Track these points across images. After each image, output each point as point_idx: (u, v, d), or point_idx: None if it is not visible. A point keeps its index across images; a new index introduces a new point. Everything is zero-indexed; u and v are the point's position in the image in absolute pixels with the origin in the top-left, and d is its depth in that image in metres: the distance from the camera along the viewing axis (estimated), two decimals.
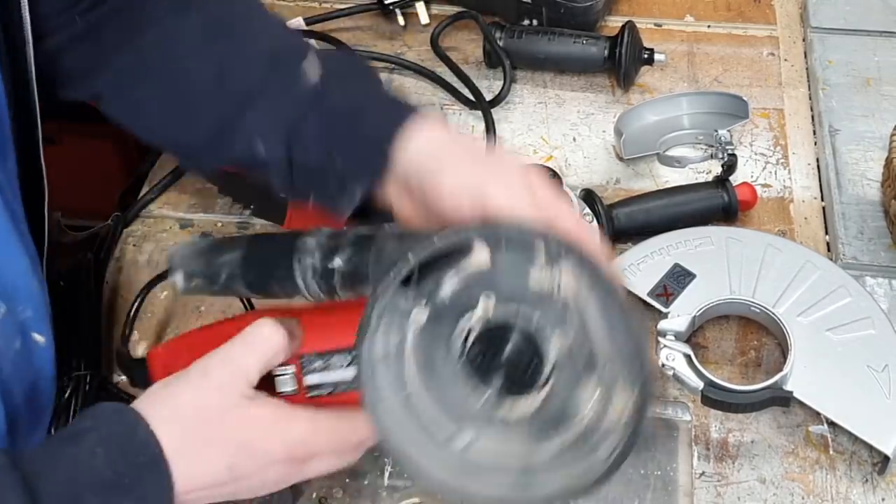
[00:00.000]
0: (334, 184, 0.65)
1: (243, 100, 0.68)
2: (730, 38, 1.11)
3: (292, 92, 0.67)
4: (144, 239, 0.93)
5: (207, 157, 0.72)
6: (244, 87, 0.68)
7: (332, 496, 0.73)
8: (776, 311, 0.79)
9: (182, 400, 0.57)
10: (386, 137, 0.63)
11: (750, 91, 1.04)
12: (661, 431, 0.76)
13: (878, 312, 0.79)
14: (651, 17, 1.13)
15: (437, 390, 0.53)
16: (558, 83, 1.06)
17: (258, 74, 0.68)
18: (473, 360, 0.53)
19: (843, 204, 0.92)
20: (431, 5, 1.13)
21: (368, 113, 0.66)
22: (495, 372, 0.53)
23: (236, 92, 0.68)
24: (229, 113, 0.68)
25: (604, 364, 0.52)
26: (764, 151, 0.99)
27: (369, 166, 0.64)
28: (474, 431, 0.53)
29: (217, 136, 0.69)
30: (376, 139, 0.63)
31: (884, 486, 0.75)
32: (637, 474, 0.74)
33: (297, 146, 0.66)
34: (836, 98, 1.02)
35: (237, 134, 0.67)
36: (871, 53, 1.06)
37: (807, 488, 0.75)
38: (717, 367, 0.82)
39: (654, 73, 1.06)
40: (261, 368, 0.58)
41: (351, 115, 0.66)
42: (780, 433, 0.78)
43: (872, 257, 0.88)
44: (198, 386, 0.57)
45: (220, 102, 0.69)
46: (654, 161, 0.98)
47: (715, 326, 0.84)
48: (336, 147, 0.65)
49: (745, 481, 0.75)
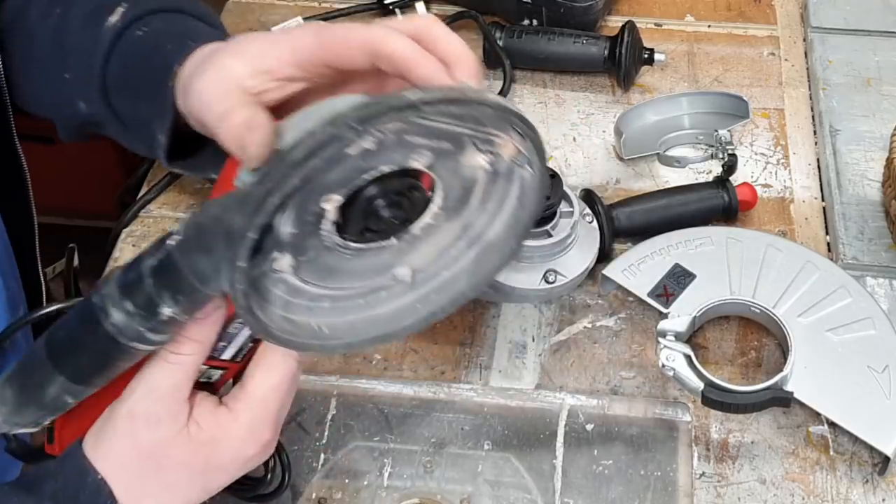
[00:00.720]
0: (147, 131, 0.63)
1: (64, 61, 0.67)
2: (730, 38, 1.11)
3: (96, 42, 0.65)
4: (144, 239, 0.93)
5: (60, 124, 0.70)
6: (66, 47, 0.67)
7: (332, 496, 0.73)
8: (776, 312, 0.79)
9: (121, 451, 0.53)
10: (166, 75, 0.60)
11: (750, 91, 1.03)
12: (661, 432, 0.76)
13: (879, 313, 0.79)
14: (651, 17, 1.13)
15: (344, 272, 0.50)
16: (558, 83, 1.06)
17: (77, 34, 0.67)
18: (361, 235, 0.49)
19: (844, 204, 0.92)
20: (431, 5, 1.13)
21: (157, 53, 0.63)
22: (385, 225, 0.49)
23: (61, 54, 0.67)
24: (56, 77, 0.67)
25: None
26: (764, 151, 0.99)
27: (160, 109, 0.61)
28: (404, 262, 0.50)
29: (55, 102, 0.68)
30: (160, 80, 0.61)
31: (884, 486, 0.74)
32: (637, 475, 0.74)
33: (113, 97, 0.64)
34: (837, 98, 1.02)
35: (63, 95, 0.67)
36: (872, 53, 1.06)
37: (807, 489, 0.74)
38: (717, 367, 0.81)
39: (654, 73, 1.06)
40: (188, 382, 0.54)
41: (144, 57, 0.64)
42: (780, 434, 0.77)
43: (873, 258, 0.88)
44: (129, 432, 0.53)
45: (53, 67, 0.68)
46: (654, 161, 0.97)
47: (715, 327, 0.84)
48: (138, 91, 0.63)
49: (745, 482, 0.75)
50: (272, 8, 1.16)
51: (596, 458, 0.74)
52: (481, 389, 0.79)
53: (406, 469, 0.74)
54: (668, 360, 0.76)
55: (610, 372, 0.82)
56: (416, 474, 0.74)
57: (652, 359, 0.82)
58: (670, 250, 0.84)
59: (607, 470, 0.74)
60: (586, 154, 0.99)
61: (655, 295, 0.81)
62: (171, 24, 0.66)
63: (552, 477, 0.74)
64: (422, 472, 0.74)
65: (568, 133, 1.01)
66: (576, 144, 1.00)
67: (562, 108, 1.04)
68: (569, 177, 0.96)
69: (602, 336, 0.84)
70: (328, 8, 1.14)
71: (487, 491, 0.73)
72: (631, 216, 0.88)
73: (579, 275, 0.81)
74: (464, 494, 0.73)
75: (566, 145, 1.00)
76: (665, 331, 0.78)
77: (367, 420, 0.76)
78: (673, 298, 0.81)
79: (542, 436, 0.76)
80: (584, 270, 0.81)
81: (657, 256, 0.84)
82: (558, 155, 0.99)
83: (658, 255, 0.84)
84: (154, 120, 0.62)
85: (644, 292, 0.81)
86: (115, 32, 0.64)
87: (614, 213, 0.88)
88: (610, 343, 0.83)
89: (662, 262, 0.83)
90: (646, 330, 0.84)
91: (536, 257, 0.80)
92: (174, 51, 0.62)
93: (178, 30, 0.65)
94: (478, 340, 0.84)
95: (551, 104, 1.04)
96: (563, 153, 0.99)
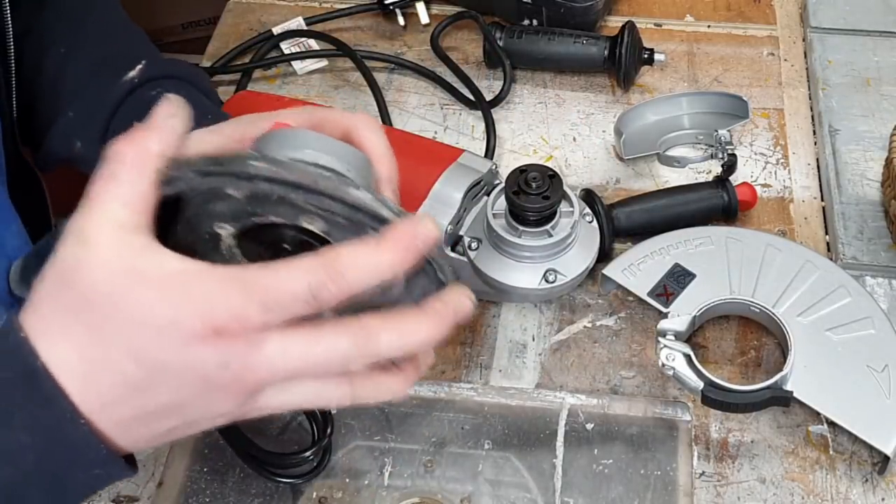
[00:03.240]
0: None
1: (68, 98, 0.68)
2: (730, 38, 1.11)
3: (110, 92, 0.67)
4: None
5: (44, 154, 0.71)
6: (70, 89, 0.69)
7: (333, 496, 0.73)
8: (776, 311, 0.79)
9: (52, 286, 0.45)
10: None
11: (750, 91, 1.04)
12: (661, 431, 0.76)
13: (878, 312, 0.79)
14: (651, 17, 1.13)
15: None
16: (558, 83, 1.06)
17: (85, 79, 0.69)
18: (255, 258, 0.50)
19: (843, 204, 0.92)
20: (431, 5, 1.13)
21: None
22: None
23: (64, 91, 0.69)
24: (54, 112, 0.69)
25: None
26: (764, 151, 0.99)
27: None
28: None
29: (45, 133, 0.70)
30: None
31: (884, 486, 0.75)
32: (637, 474, 0.74)
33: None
34: (836, 98, 1.02)
35: (58, 130, 0.68)
36: (871, 53, 1.07)
37: (807, 488, 0.75)
38: (717, 367, 0.82)
39: (654, 73, 1.06)
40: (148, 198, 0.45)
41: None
42: (780, 433, 0.78)
43: (872, 257, 0.88)
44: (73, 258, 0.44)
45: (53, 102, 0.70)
46: (654, 161, 0.98)
47: (715, 326, 0.84)
48: None
49: (745, 481, 0.75)
50: (272, 8, 1.16)
51: (596, 458, 0.75)
52: (481, 389, 0.79)
53: (406, 468, 0.74)
54: (667, 360, 0.76)
55: (610, 371, 0.82)
56: (416, 474, 0.74)
57: (652, 358, 0.82)
58: (670, 250, 0.84)
59: (607, 469, 0.74)
60: (586, 154, 0.99)
61: (655, 294, 0.81)
62: (184, 92, 0.68)
63: (552, 476, 0.74)
64: (422, 472, 0.74)
65: (568, 133, 1.01)
66: (576, 144, 1.00)
67: (562, 108, 1.04)
68: (569, 177, 0.96)
69: (602, 335, 0.84)
70: (328, 8, 1.14)
71: (488, 490, 0.73)
72: (631, 216, 0.88)
73: (579, 274, 0.81)
74: (464, 494, 0.73)
75: (566, 145, 1.00)
76: (665, 330, 0.78)
77: (367, 419, 0.77)
78: (673, 298, 0.81)
79: (542, 435, 0.76)
80: (584, 270, 0.81)
81: (657, 256, 0.84)
82: (558, 155, 0.99)
83: (658, 254, 0.84)
84: None
85: (644, 292, 0.82)
86: (130, 87, 0.67)
87: (614, 212, 0.88)
88: (610, 342, 0.84)
89: (662, 261, 0.83)
90: (646, 329, 0.84)
91: (536, 257, 0.80)
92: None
93: (191, 100, 0.67)
94: (478, 340, 0.84)
95: (551, 104, 1.04)
96: (563, 153, 0.99)
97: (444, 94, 1.05)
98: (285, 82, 1.07)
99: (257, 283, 0.43)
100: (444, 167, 0.82)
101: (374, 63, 1.08)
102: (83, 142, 0.66)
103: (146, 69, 0.67)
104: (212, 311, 0.43)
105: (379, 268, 0.45)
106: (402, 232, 0.46)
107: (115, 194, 0.44)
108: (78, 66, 0.69)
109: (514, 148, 1.00)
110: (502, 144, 1.00)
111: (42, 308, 0.45)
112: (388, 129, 0.97)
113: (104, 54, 0.70)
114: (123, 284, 0.43)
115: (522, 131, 1.02)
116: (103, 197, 0.45)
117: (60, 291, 0.44)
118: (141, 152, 0.45)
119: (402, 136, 0.93)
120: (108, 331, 0.43)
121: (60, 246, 0.45)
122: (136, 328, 0.43)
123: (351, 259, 0.45)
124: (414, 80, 1.07)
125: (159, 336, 0.43)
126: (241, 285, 0.43)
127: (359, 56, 1.07)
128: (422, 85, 1.07)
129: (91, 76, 0.68)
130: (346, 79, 1.07)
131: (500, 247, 0.80)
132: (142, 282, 0.43)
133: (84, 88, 0.67)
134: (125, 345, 0.43)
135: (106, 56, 0.69)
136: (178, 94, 0.66)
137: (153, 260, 0.44)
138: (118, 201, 0.44)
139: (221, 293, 0.43)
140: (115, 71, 0.67)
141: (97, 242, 0.44)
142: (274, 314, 0.44)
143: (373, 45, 1.10)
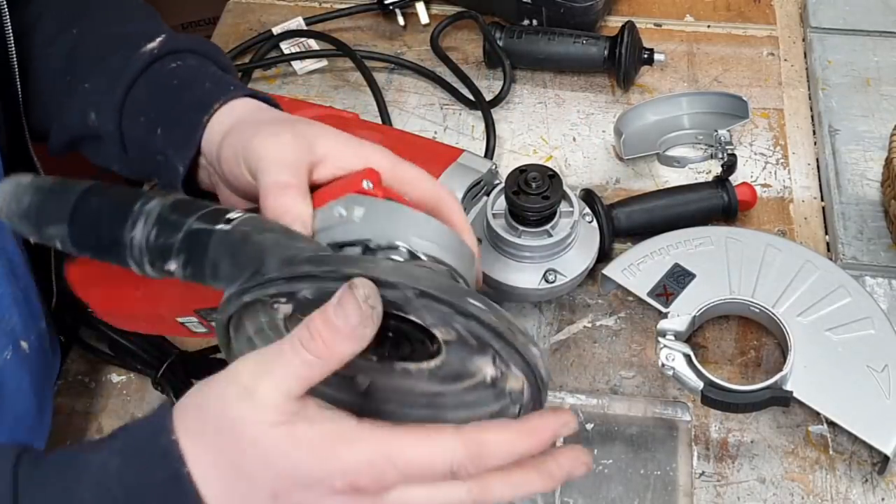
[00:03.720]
0: (160, 159, 0.64)
1: (84, 73, 0.68)
2: (730, 38, 1.11)
3: (129, 62, 0.66)
4: None
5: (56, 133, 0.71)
6: (86, 63, 0.69)
7: None
8: (776, 311, 0.79)
9: (212, 414, 0.48)
10: (202, 110, 0.62)
11: (750, 91, 1.04)
12: (661, 431, 0.76)
13: (878, 312, 0.79)
14: (651, 17, 1.13)
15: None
16: (558, 83, 1.06)
17: (101, 52, 0.68)
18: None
19: (843, 204, 0.92)
20: (431, 5, 1.13)
21: (194, 86, 0.65)
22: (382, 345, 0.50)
23: (79, 67, 0.69)
24: (67, 86, 0.68)
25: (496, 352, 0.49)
26: (764, 151, 0.99)
27: (184, 140, 0.62)
28: (370, 377, 0.51)
29: (57, 108, 0.69)
30: (193, 112, 0.62)
31: (884, 486, 0.75)
32: (637, 474, 0.74)
33: (127, 117, 0.65)
34: (836, 98, 1.02)
35: (74, 102, 0.67)
36: (871, 53, 1.07)
37: (807, 488, 0.75)
38: (716, 367, 0.82)
39: (654, 73, 1.06)
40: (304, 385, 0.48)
41: (177, 87, 0.65)
42: (779, 433, 0.78)
43: (872, 257, 0.88)
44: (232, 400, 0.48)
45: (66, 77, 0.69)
46: (654, 161, 0.98)
47: (715, 326, 0.84)
48: (159, 118, 0.64)
49: (744, 481, 0.75)
50: (272, 8, 1.16)
51: (596, 458, 0.74)
52: None
53: None
54: (667, 360, 0.76)
55: (610, 371, 0.82)
56: None
57: (652, 358, 0.82)
58: (670, 250, 0.84)
59: (607, 469, 0.74)
60: (586, 154, 0.99)
61: (655, 294, 0.81)
62: (204, 66, 0.68)
63: None
64: None
65: (568, 133, 1.01)
66: (576, 144, 1.00)
67: (562, 108, 1.04)
68: (569, 177, 0.96)
69: (602, 335, 0.84)
70: (328, 8, 1.14)
71: None
72: (631, 216, 0.88)
73: (579, 274, 0.81)
74: None
75: (566, 145, 1.00)
76: (665, 330, 0.78)
77: None
78: (673, 298, 0.81)
79: None
80: (584, 270, 0.81)
81: (657, 256, 0.84)
82: (558, 155, 0.99)
83: (658, 254, 0.84)
84: (168, 149, 0.63)
85: (644, 292, 0.82)
86: (150, 58, 0.66)
87: (614, 212, 0.88)
88: (610, 343, 0.84)
89: (662, 261, 0.83)
90: (646, 329, 0.84)
91: (536, 257, 0.80)
92: (213, 90, 0.63)
93: (212, 72, 0.67)
94: None
95: (551, 104, 1.04)
96: (563, 153, 0.99)
97: (443, 94, 1.05)
98: (285, 82, 1.07)
99: (402, 454, 0.47)
100: (443, 167, 0.82)
101: (374, 63, 1.08)
102: (98, 112, 0.65)
103: (166, 41, 0.66)
104: (357, 476, 0.47)
105: (514, 454, 0.48)
106: (545, 428, 0.49)
107: (294, 371, 0.47)
108: (95, 41, 0.68)
109: (514, 148, 1.00)
110: (502, 144, 1.00)
111: (190, 431, 0.48)
112: (387, 130, 0.98)
113: (122, 31, 0.69)
114: (280, 446, 0.47)
115: (522, 131, 1.02)
116: (283, 371, 0.47)
117: (218, 434, 0.48)
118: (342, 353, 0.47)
119: (402, 137, 0.93)
120: (256, 475, 0.47)
121: (224, 385, 0.48)
122: (284, 479, 0.47)
123: (494, 446, 0.48)
124: (414, 80, 1.07)
125: (305, 489, 0.47)
126: (386, 454, 0.47)
127: (358, 56, 1.07)
128: (422, 85, 1.07)
129: (109, 50, 0.67)
130: (345, 79, 1.07)
131: (499, 247, 0.80)
132: (297, 445, 0.47)
133: (102, 61, 0.66)
134: (270, 486, 0.47)
135: (124, 32, 0.69)
136: (199, 68, 0.66)
137: (309, 423, 0.47)
138: (294, 378, 0.47)
139: (367, 462, 0.47)
140: (135, 44, 0.67)
141: (265, 406, 0.47)
142: (410, 480, 0.47)
143: (373, 45, 1.11)
